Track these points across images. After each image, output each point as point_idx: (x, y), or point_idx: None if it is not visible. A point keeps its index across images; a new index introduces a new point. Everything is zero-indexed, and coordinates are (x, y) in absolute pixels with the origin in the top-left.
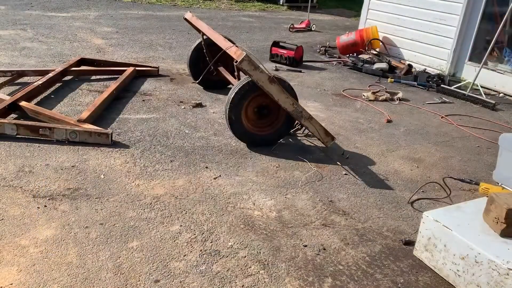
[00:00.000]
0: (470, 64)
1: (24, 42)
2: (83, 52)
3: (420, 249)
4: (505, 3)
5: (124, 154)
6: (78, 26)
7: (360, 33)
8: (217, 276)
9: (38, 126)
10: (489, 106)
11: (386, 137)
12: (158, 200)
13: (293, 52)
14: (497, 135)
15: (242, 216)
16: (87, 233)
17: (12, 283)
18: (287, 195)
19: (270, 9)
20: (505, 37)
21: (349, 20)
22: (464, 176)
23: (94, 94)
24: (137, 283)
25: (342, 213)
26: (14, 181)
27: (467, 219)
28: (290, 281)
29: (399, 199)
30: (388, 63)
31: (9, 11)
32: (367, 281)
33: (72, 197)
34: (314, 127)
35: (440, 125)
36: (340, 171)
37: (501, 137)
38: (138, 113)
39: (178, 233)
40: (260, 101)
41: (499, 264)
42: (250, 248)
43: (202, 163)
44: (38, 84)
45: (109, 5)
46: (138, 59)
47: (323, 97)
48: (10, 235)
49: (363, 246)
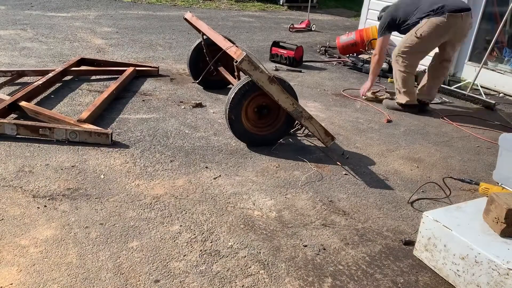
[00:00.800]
0: (470, 64)
1: (24, 42)
2: (83, 52)
3: (420, 249)
4: (505, 3)
5: (124, 154)
6: (78, 26)
7: (360, 33)
8: (217, 276)
9: (38, 126)
10: (489, 106)
11: (386, 137)
12: (158, 200)
13: (293, 52)
14: (497, 135)
15: (242, 216)
16: (87, 233)
17: (12, 283)
18: (287, 195)
19: (270, 9)
20: (505, 37)
21: (349, 20)
22: (464, 176)
23: (94, 94)
24: (137, 283)
25: (342, 213)
26: (14, 181)
27: (467, 219)
28: (290, 281)
29: (399, 199)
30: (388, 63)
31: (9, 11)
32: (367, 281)
33: (72, 197)
34: (314, 127)
35: (440, 125)
36: (340, 171)
37: (501, 137)
38: (138, 113)
39: (178, 233)
40: (260, 101)
41: (499, 264)
42: (250, 248)
43: (202, 163)
44: (38, 84)
45: (109, 5)
46: (138, 59)
47: (323, 97)
48: (10, 235)
49: (363, 246)
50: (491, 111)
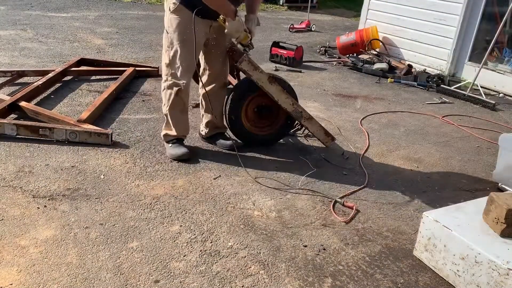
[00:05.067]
0: (470, 64)
1: (24, 42)
2: (83, 52)
3: (420, 249)
4: (505, 3)
5: (124, 154)
6: (78, 26)
7: (360, 33)
8: (217, 277)
9: (38, 126)
10: (489, 106)
11: (386, 137)
12: (158, 200)
13: (293, 52)
14: (497, 135)
15: (242, 216)
16: (87, 233)
17: (12, 283)
18: (287, 195)
19: (270, 9)
20: (505, 37)
21: (349, 20)
22: (464, 176)
23: (94, 94)
24: (137, 283)
25: (342, 213)
26: (14, 181)
27: (467, 219)
28: (290, 281)
29: (399, 199)
30: (388, 63)
31: (9, 11)
32: (367, 281)
33: (72, 197)
34: (314, 127)
35: (440, 125)
36: (340, 171)
37: (501, 137)
38: (138, 113)
39: (178, 233)
40: (260, 101)
41: (499, 264)
42: (250, 248)
43: (202, 163)
44: (38, 84)
45: (109, 5)
46: (138, 59)
47: (323, 97)
48: (10, 235)
49: (363, 246)
50: (491, 111)
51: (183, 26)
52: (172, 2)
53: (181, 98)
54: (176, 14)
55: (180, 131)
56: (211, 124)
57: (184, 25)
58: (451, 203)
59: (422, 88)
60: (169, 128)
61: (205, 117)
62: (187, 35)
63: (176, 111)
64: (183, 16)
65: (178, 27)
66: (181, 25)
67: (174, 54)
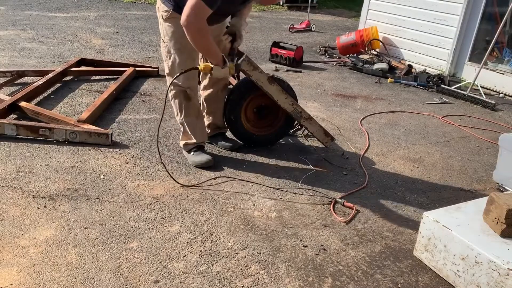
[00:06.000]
0: (470, 65)
1: (24, 42)
2: (83, 53)
3: (420, 250)
4: (505, 3)
5: (124, 155)
6: (78, 27)
7: (360, 34)
8: (217, 277)
9: (38, 127)
10: (489, 107)
11: (386, 137)
12: (158, 200)
13: (293, 53)
14: (497, 135)
15: (242, 217)
16: (87, 233)
17: (12, 283)
18: (287, 195)
19: (270, 9)
20: (505, 37)
21: (349, 20)
22: (464, 177)
23: (94, 95)
24: (137, 283)
25: (342, 213)
26: (14, 182)
27: (467, 219)
28: (290, 282)
29: (399, 199)
30: (388, 63)
31: (9, 12)
32: (367, 281)
33: (72, 197)
34: (313, 127)
35: (440, 125)
36: (340, 171)
37: (501, 137)
38: (138, 114)
39: (178, 233)
40: (259, 101)
41: (499, 264)
42: (250, 248)
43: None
44: (38, 84)
45: (109, 5)
46: (138, 60)
47: (323, 97)
48: (10, 235)
49: (363, 246)
50: (491, 112)
51: (179, 34)
52: (164, 10)
53: (193, 104)
54: (170, 22)
55: (199, 137)
56: (212, 125)
57: (180, 33)
58: (451, 203)
59: (422, 88)
60: (188, 137)
61: (206, 118)
62: (183, 43)
63: (191, 118)
64: (178, 24)
65: (173, 36)
66: (176, 33)
67: (173, 62)
